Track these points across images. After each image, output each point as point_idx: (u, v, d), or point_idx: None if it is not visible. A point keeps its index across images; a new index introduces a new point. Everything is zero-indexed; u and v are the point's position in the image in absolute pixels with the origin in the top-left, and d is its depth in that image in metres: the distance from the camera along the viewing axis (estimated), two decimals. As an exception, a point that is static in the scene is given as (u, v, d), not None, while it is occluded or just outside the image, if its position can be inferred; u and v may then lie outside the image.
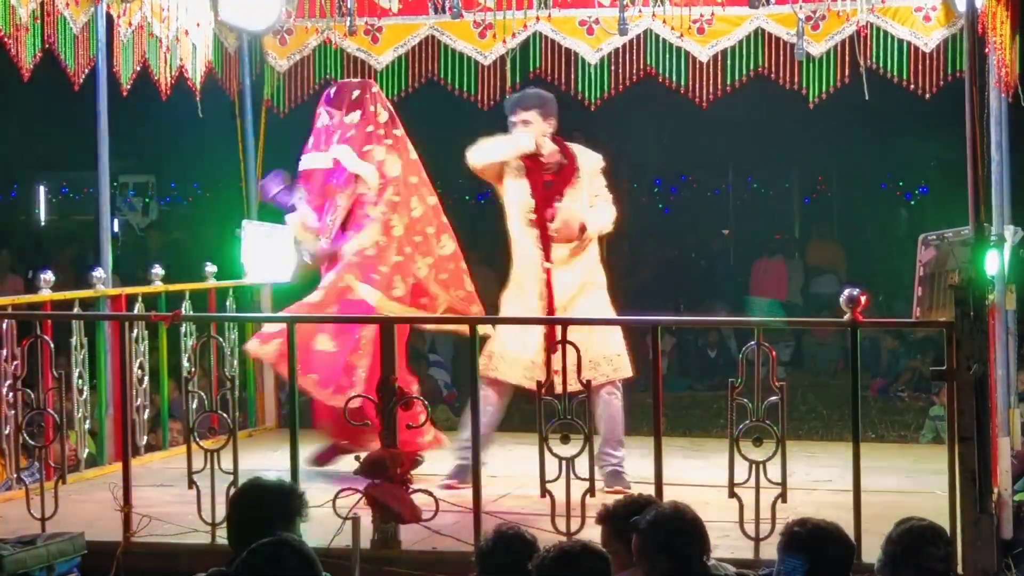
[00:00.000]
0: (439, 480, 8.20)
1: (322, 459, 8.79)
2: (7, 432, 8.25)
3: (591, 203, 8.63)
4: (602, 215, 8.66)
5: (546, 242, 8.54)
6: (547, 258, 8.53)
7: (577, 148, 8.70)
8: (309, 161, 8.88)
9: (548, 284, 8.51)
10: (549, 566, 5.03)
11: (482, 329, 8.12)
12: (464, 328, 7.79)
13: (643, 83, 9.60)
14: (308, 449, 8.54)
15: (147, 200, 29.73)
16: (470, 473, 8.23)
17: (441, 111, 12.04)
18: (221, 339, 9.42)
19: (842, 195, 25.55)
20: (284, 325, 7.90)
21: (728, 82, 9.38)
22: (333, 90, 8.99)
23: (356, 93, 8.89)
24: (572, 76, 9.58)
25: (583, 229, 8.51)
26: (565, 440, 7.14)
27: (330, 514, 6.82)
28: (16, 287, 15.09)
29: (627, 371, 8.61)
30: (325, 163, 8.81)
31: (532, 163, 8.59)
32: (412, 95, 9.89)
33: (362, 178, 8.74)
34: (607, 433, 8.52)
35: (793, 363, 17.40)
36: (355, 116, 8.81)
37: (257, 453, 8.99)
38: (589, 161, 8.71)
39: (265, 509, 5.39)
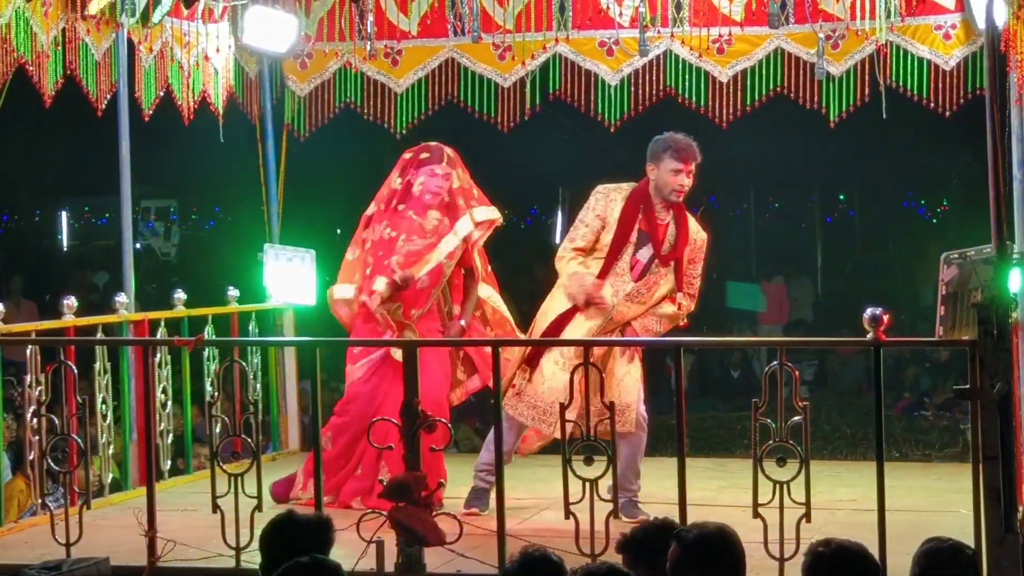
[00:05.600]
0: (458, 502, 8.20)
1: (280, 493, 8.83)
2: (32, 458, 8.27)
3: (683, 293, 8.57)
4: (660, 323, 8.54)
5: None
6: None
7: (691, 222, 8.57)
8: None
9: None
10: (576, 588, 5.02)
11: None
12: None
13: (663, 104, 9.61)
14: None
15: (169, 225, 29.80)
16: (486, 498, 8.26)
17: (461, 134, 12.05)
18: (244, 363, 9.42)
19: (864, 214, 25.49)
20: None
21: (748, 102, 9.39)
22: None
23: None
24: (592, 98, 9.59)
25: None
26: (589, 462, 7.12)
27: (354, 537, 6.82)
28: (31, 312, 15.10)
29: (631, 425, 8.31)
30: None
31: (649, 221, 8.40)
32: (432, 117, 9.92)
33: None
34: (624, 465, 8.21)
35: (816, 382, 17.36)
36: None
37: (281, 477, 8.99)
38: (699, 238, 8.64)
39: (299, 543, 5.41)
